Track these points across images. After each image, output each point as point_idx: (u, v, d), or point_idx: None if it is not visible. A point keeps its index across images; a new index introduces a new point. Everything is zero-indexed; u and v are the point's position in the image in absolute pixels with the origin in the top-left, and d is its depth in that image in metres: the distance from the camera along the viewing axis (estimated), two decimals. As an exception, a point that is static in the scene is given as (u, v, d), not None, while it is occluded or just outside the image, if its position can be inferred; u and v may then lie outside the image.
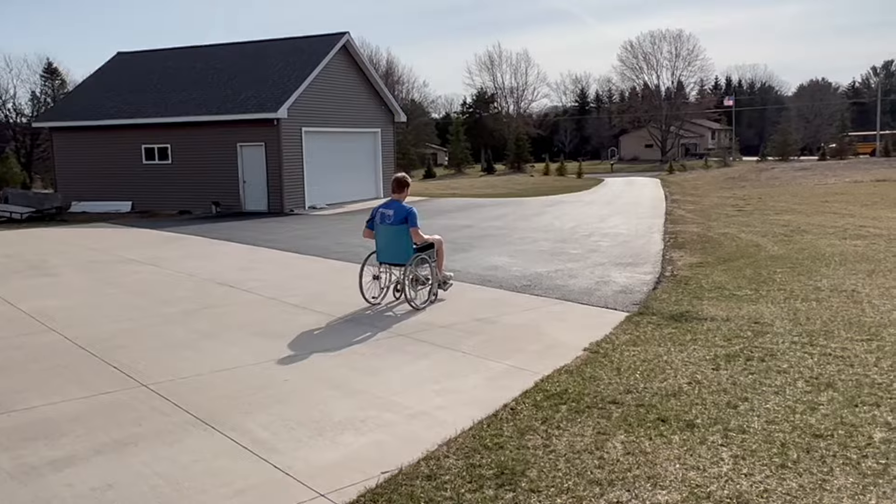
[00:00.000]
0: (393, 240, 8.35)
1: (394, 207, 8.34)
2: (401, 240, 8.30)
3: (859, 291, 8.41)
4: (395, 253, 8.37)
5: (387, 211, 8.37)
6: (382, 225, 8.41)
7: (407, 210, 8.30)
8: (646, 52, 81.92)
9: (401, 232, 8.27)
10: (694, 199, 26.04)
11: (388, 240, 8.40)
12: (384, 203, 8.57)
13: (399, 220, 8.25)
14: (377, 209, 8.56)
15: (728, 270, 10.12)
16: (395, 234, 8.31)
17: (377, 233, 8.52)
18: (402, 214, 8.25)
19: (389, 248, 8.42)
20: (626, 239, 14.21)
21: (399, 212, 8.28)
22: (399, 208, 8.32)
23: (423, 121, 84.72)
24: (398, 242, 8.32)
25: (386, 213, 8.36)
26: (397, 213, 8.28)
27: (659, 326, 7.06)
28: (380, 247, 8.54)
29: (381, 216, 8.43)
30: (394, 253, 8.39)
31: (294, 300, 8.83)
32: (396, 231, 8.29)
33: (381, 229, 8.45)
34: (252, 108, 23.93)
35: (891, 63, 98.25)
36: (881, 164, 40.75)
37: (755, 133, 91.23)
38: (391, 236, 8.36)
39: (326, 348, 6.61)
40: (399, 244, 8.32)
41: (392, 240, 8.36)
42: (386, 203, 8.53)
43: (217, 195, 24.63)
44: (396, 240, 8.32)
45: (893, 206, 19.03)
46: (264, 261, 12.44)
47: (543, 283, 9.58)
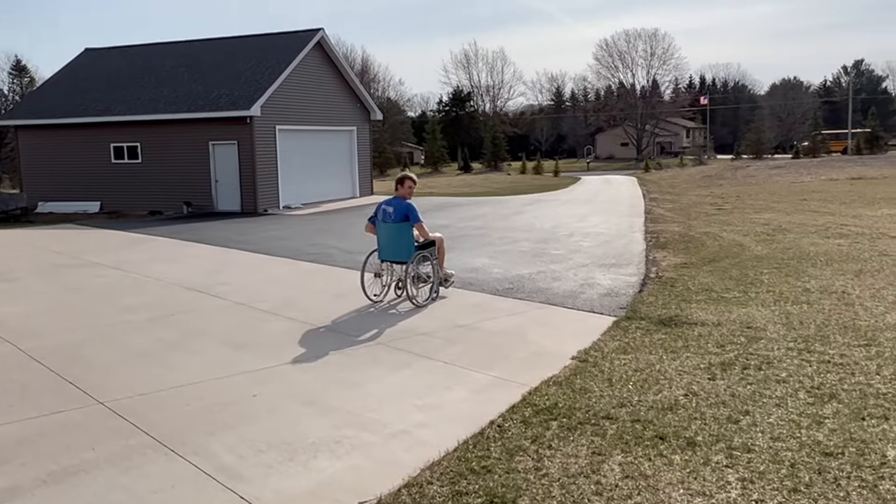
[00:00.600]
0: (394, 237, 8.29)
1: (395, 204, 8.28)
2: (402, 237, 8.24)
3: (850, 293, 8.19)
4: (397, 250, 8.31)
5: (388, 208, 8.31)
6: (384, 222, 8.34)
7: (407, 207, 8.23)
8: (621, 51, 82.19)
9: (402, 229, 8.21)
10: (672, 197, 25.93)
11: (390, 237, 8.34)
12: (386, 200, 8.50)
13: (400, 217, 8.21)
14: (380, 206, 8.49)
15: (714, 271, 9.88)
16: (397, 231, 8.25)
17: (379, 230, 8.47)
18: (403, 211, 8.21)
19: (391, 246, 8.36)
20: (607, 238, 13.95)
21: (399, 209, 8.23)
22: (400, 205, 8.26)
23: (400, 119, 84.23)
24: (399, 240, 8.26)
25: (387, 209, 8.31)
26: (398, 211, 8.23)
27: (648, 332, 6.76)
28: (381, 244, 8.48)
29: (382, 213, 8.37)
30: (395, 250, 8.33)
31: (264, 306, 8.41)
32: (398, 228, 8.23)
33: (382, 227, 8.39)
34: (224, 105, 23.35)
35: (861, 62, 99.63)
36: (854, 162, 41.10)
37: (729, 131, 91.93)
38: (392, 234, 8.29)
39: (299, 359, 6.22)
40: (400, 242, 8.26)
41: (393, 237, 8.30)
42: (388, 200, 8.45)
43: (188, 195, 24.01)
44: (398, 237, 8.26)
45: (872, 204, 19.01)
46: (234, 264, 11.98)
47: (526, 285, 9.26)
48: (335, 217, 20.75)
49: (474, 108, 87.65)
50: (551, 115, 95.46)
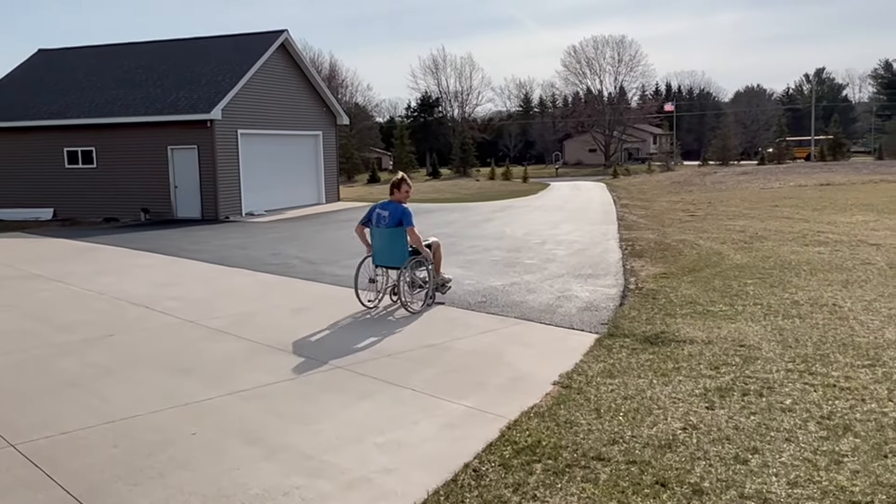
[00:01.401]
0: (388, 242, 8.08)
1: (389, 208, 8.08)
2: (396, 242, 8.03)
3: (841, 306, 7.75)
4: (391, 255, 8.11)
5: (383, 212, 8.10)
6: (378, 227, 8.13)
7: (402, 211, 8.01)
8: (589, 58, 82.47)
9: (396, 234, 8.01)
10: (643, 203, 25.62)
11: (384, 242, 8.12)
12: (381, 203, 8.27)
13: (394, 221, 8.00)
14: (374, 208, 8.26)
15: (696, 282, 9.40)
16: (391, 236, 8.03)
17: (373, 234, 8.24)
18: (398, 215, 7.99)
19: (385, 251, 8.16)
20: (581, 247, 13.45)
21: (394, 213, 8.02)
22: (395, 209, 8.04)
23: (368, 125, 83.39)
24: (394, 245, 8.05)
25: (382, 213, 8.10)
26: (392, 215, 8.02)
27: (634, 351, 6.21)
28: (376, 249, 8.27)
29: (377, 217, 8.15)
30: (389, 255, 8.13)
31: (216, 323, 7.70)
32: (392, 233, 8.02)
33: (377, 231, 8.17)
34: (183, 108, 22.46)
35: (822, 71, 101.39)
36: (820, 169, 41.39)
37: (695, 138, 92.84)
38: (387, 238, 8.08)
39: (248, 386, 5.55)
40: (395, 246, 8.05)
41: (388, 242, 8.08)
42: (383, 203, 8.23)
43: (146, 202, 23.05)
44: (392, 242, 8.05)
45: (844, 210, 18.83)
46: (188, 275, 11.21)
47: (500, 298, 8.68)
48: (299, 224, 19.99)
49: (443, 113, 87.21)
50: (520, 121, 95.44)
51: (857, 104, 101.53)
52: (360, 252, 13.12)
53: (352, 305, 8.52)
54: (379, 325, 7.56)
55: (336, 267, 11.51)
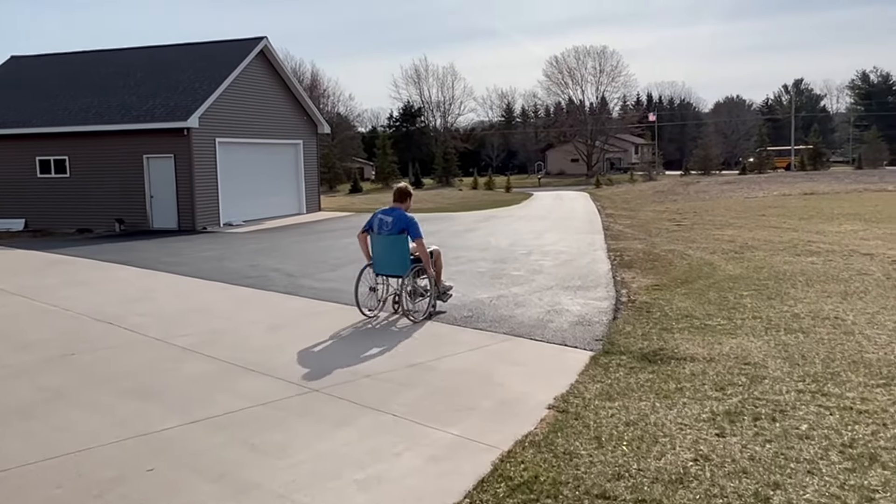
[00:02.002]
0: (390, 249, 7.86)
1: (394, 215, 7.85)
2: (398, 250, 7.82)
3: (843, 319, 7.41)
4: (393, 263, 7.90)
5: (386, 218, 7.87)
6: (380, 234, 7.91)
7: (407, 220, 7.81)
8: (570, 68, 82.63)
9: (399, 241, 7.79)
10: (628, 213, 25.36)
11: (386, 249, 7.90)
12: (384, 209, 8.02)
13: (398, 229, 7.78)
14: (376, 215, 8.03)
15: (690, 294, 9.04)
16: (393, 243, 7.82)
17: (374, 242, 8.02)
18: (402, 224, 7.78)
19: (386, 259, 7.94)
20: (568, 258, 13.07)
21: (399, 220, 7.80)
22: (399, 217, 7.84)
23: (350, 134, 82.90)
24: (396, 253, 7.84)
25: (385, 220, 7.87)
26: (397, 222, 7.80)
27: (633, 370, 5.82)
28: (377, 257, 8.03)
29: (379, 223, 7.92)
30: (391, 263, 7.92)
31: (185, 341, 7.20)
32: (394, 241, 7.80)
33: (378, 239, 7.95)
34: (160, 116, 21.91)
35: (800, 81, 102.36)
36: (802, 178, 41.49)
37: (676, 148, 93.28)
38: (388, 246, 7.86)
39: (215, 412, 5.08)
40: (397, 254, 7.83)
41: (389, 249, 7.87)
42: (386, 210, 7.99)
43: (121, 212, 22.43)
44: (394, 250, 7.84)
45: (831, 219, 18.64)
46: (160, 289, 10.68)
47: (487, 313, 8.25)
48: (279, 235, 19.47)
49: (425, 123, 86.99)
50: (502, 131, 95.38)
51: (834, 114, 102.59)
52: (340, 264, 12.71)
53: (331, 320, 8.06)
54: (360, 341, 7.11)
55: (315, 280, 11.04)
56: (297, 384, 5.69)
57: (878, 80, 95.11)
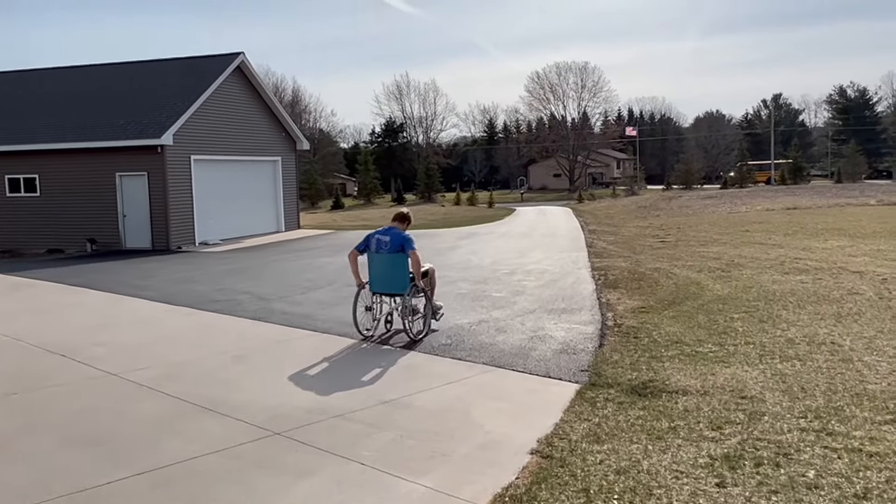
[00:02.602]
0: (389, 268, 7.92)
1: (391, 234, 7.96)
2: (397, 268, 7.89)
3: (840, 344, 7.06)
4: (391, 282, 7.94)
5: (383, 237, 7.96)
6: (378, 253, 7.96)
7: (404, 237, 7.93)
8: (552, 83, 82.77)
9: (398, 260, 7.86)
10: (611, 229, 25.11)
11: (384, 268, 7.95)
12: (381, 229, 8.13)
13: (396, 247, 7.86)
14: (372, 235, 8.10)
15: (678, 317, 8.68)
16: (392, 262, 7.88)
17: (371, 261, 8.03)
18: (399, 241, 7.87)
19: (384, 277, 7.97)
20: (552, 277, 12.69)
21: (396, 238, 7.90)
22: (396, 235, 7.94)
23: (331, 150, 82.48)
24: (394, 271, 7.90)
25: (382, 239, 7.96)
26: (394, 240, 7.89)
27: (622, 406, 5.41)
28: (373, 276, 8.03)
29: (377, 243, 7.99)
30: (389, 282, 7.95)
31: (144, 376, 6.70)
32: (393, 259, 7.87)
33: (375, 258, 7.99)
34: (133, 133, 21.37)
35: (779, 96, 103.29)
36: (783, 192, 41.56)
37: (657, 162, 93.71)
38: (387, 264, 7.92)
39: (165, 462, 4.59)
40: (395, 273, 7.90)
41: (388, 268, 7.92)
42: (383, 229, 8.10)
43: (93, 231, 21.80)
44: (392, 268, 7.90)
45: (816, 235, 18.45)
46: (124, 316, 10.14)
47: (467, 340, 7.82)
48: (255, 254, 18.95)
49: (407, 139, 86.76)
50: (484, 147, 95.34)
51: (813, 129, 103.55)
52: (315, 286, 12.25)
53: (301, 350, 7.60)
54: (330, 373, 6.66)
55: (288, 303, 10.56)
56: (258, 426, 5.22)
57: (856, 95, 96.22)
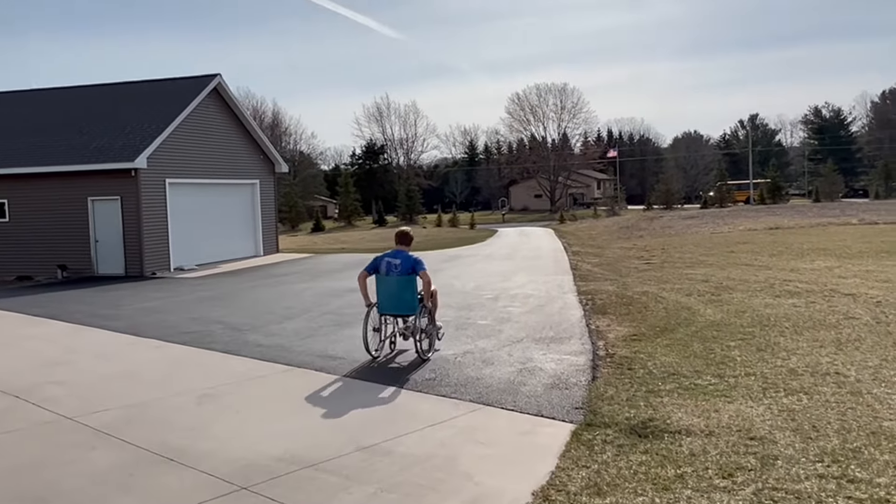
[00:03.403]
0: (399, 290, 8.07)
1: (401, 257, 8.12)
2: (407, 290, 8.06)
3: (845, 374, 6.69)
4: (400, 304, 8.10)
5: (393, 260, 8.11)
6: (388, 276, 8.10)
7: (414, 259, 8.11)
8: (532, 105, 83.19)
9: (409, 282, 8.04)
10: (595, 250, 24.80)
11: (394, 290, 8.09)
12: (390, 252, 8.28)
13: (407, 269, 8.03)
14: (382, 258, 8.25)
15: (672, 346, 8.28)
16: (402, 284, 8.05)
17: (381, 283, 8.17)
18: (410, 264, 8.05)
19: (394, 299, 8.12)
20: (538, 303, 12.28)
21: (406, 261, 8.07)
22: (406, 258, 8.11)
23: (312, 173, 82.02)
24: (404, 293, 8.06)
25: (393, 262, 8.11)
26: (405, 263, 8.06)
27: (622, 450, 4.97)
28: (382, 298, 8.18)
29: (387, 265, 8.13)
30: (398, 304, 8.11)
31: (99, 420, 6.16)
32: (403, 282, 8.04)
33: (386, 280, 8.12)
34: (106, 157, 20.79)
35: (756, 116, 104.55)
36: (764, 212, 41.62)
37: (637, 183, 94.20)
38: (397, 287, 8.08)
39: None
40: (405, 295, 8.06)
41: (398, 290, 8.08)
42: (392, 252, 8.26)
43: (64, 257, 21.11)
44: (402, 290, 8.06)
45: (802, 255, 18.24)
46: (86, 350, 9.56)
47: (452, 374, 7.37)
48: (231, 281, 18.38)
49: (388, 161, 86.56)
50: (465, 168, 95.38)
51: (789, 148, 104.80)
52: (292, 314, 11.77)
53: (274, 387, 7.11)
54: (305, 415, 6.17)
55: (263, 334, 10.05)
56: (222, 480, 4.71)
57: (830, 115, 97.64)
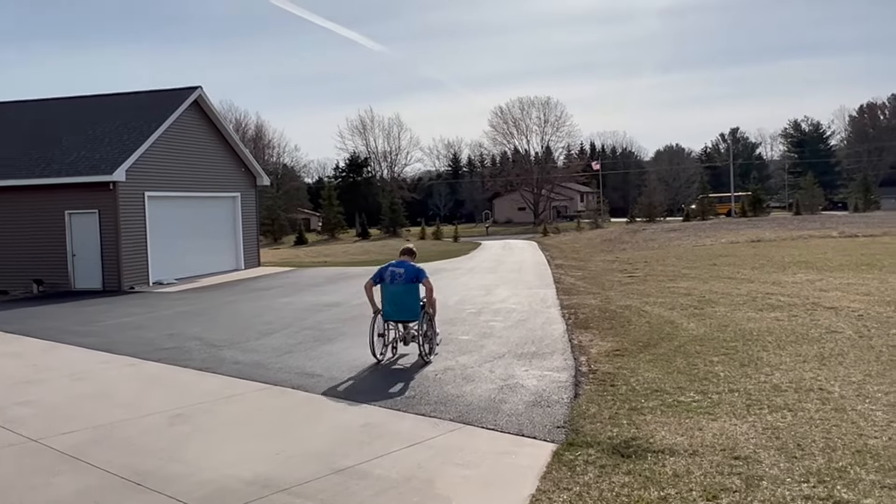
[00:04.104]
0: (403, 298, 8.69)
1: (405, 267, 8.79)
2: (411, 297, 8.70)
3: (829, 391, 6.62)
4: (405, 310, 8.72)
5: (398, 270, 8.74)
6: (393, 284, 8.70)
7: (417, 268, 8.82)
8: (516, 118, 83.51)
9: (412, 290, 8.68)
10: (578, 263, 24.78)
11: (399, 297, 8.70)
12: (394, 262, 8.94)
13: (410, 277, 8.68)
14: (386, 268, 8.88)
15: (655, 361, 8.19)
16: (406, 292, 8.68)
17: (386, 291, 8.74)
18: (414, 272, 8.73)
19: (399, 306, 8.71)
20: (521, 317, 12.17)
21: (410, 270, 8.74)
22: (409, 268, 8.78)
23: (295, 185, 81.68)
24: (408, 300, 8.69)
25: (397, 271, 8.73)
26: (409, 272, 8.71)
27: (604, 471, 4.85)
28: (388, 305, 8.74)
29: (391, 275, 8.74)
30: (403, 310, 8.72)
31: (66, 442, 5.95)
32: (408, 289, 8.67)
33: (391, 288, 8.71)
34: (84, 170, 20.51)
35: (736, 130, 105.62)
36: (746, 225, 41.86)
37: (620, 195, 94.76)
38: (402, 294, 8.69)
39: (76, 557, 3.90)
40: (408, 302, 8.69)
41: (403, 298, 8.69)
42: (397, 262, 8.91)
43: (40, 272, 20.73)
44: (406, 298, 8.69)
45: (784, 268, 18.28)
46: (58, 368, 9.31)
47: (431, 391, 7.22)
48: (210, 295, 18.12)
49: (371, 173, 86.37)
50: (449, 181, 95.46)
51: (769, 161, 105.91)
52: (271, 329, 11.62)
53: (250, 406, 6.93)
54: (279, 435, 5.99)
55: (240, 350, 9.85)
56: (185, 503, 4.54)
57: (810, 129, 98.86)
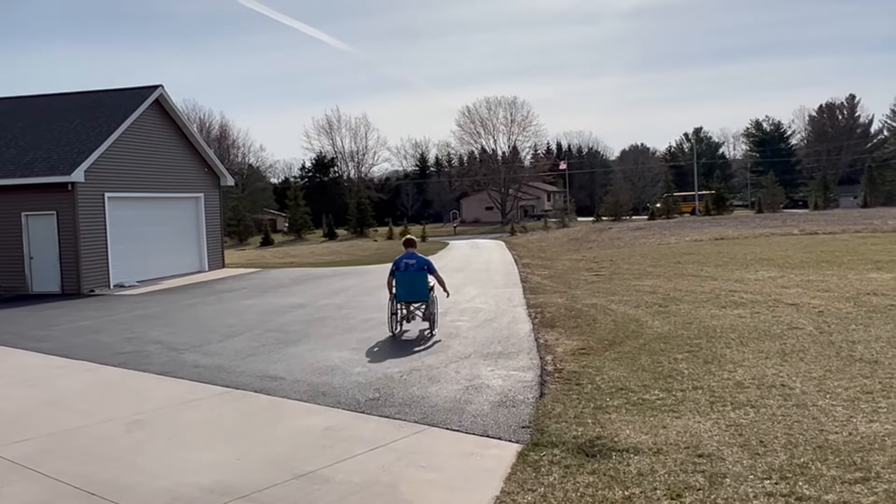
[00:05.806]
0: (415, 282, 10.54)
1: (415, 258, 10.68)
2: (420, 282, 10.58)
3: (791, 387, 6.69)
4: (415, 293, 10.58)
5: (409, 261, 10.63)
6: (407, 272, 10.57)
7: (426, 260, 10.84)
8: (482, 118, 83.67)
9: (422, 276, 10.58)
10: (544, 262, 24.85)
11: (412, 282, 10.55)
12: (406, 255, 10.73)
13: (421, 266, 10.62)
14: (400, 259, 10.70)
15: (620, 360, 8.21)
16: (417, 277, 10.56)
17: (400, 278, 10.58)
18: (423, 263, 10.69)
19: (411, 289, 10.56)
20: (487, 317, 12.14)
21: (420, 261, 10.69)
22: (419, 259, 10.75)
23: (261, 186, 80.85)
24: (418, 284, 10.57)
25: (409, 262, 10.62)
26: (419, 262, 10.66)
27: (569, 471, 4.82)
28: (402, 289, 10.59)
29: (405, 265, 10.61)
30: (414, 293, 10.57)
31: (19, 451, 5.74)
32: (418, 276, 10.56)
33: (405, 275, 10.57)
34: (41, 170, 19.99)
35: (700, 130, 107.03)
36: (709, 223, 42.48)
37: (587, 194, 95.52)
38: (414, 280, 10.55)
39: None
40: (418, 286, 10.57)
41: (414, 283, 10.54)
42: (407, 255, 10.71)
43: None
44: (417, 282, 10.55)
45: (747, 266, 18.55)
46: (10, 374, 9.01)
47: (396, 393, 7.14)
48: (172, 297, 17.79)
49: (338, 173, 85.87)
50: (416, 181, 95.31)
51: (732, 160, 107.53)
52: (234, 332, 11.50)
53: (209, 412, 6.77)
54: (239, 439, 5.86)
55: (202, 354, 9.66)
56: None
57: (771, 129, 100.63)
